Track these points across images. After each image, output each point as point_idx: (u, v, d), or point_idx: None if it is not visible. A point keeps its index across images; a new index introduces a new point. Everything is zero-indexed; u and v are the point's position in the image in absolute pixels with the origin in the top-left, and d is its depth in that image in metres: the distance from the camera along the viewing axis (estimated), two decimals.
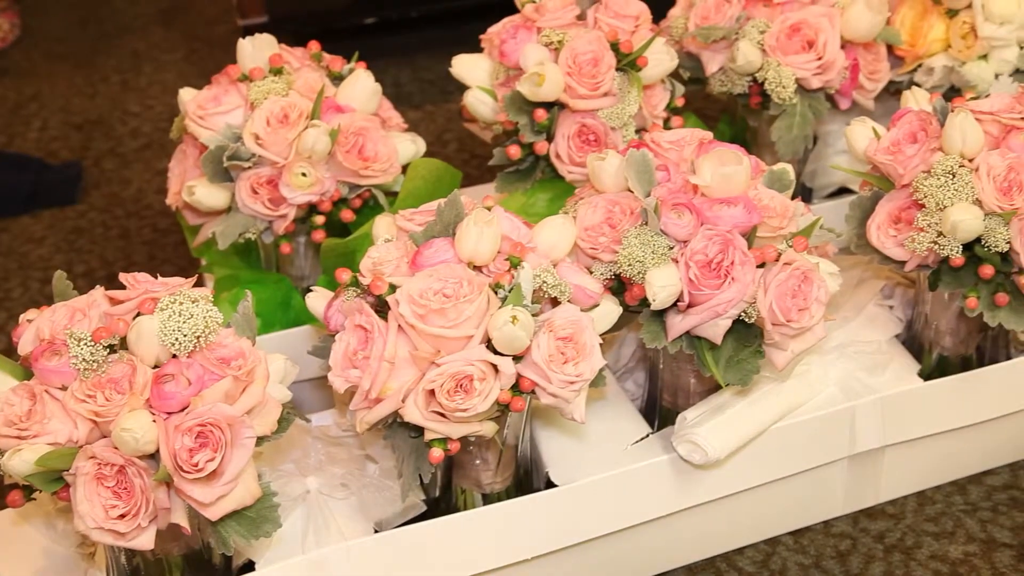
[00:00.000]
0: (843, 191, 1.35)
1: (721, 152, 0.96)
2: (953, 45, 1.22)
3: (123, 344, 0.84)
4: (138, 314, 0.85)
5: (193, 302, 0.85)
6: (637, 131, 1.15)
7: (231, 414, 0.82)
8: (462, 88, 1.18)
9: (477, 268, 0.91)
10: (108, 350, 0.83)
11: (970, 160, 0.98)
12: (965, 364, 1.10)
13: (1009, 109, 1.00)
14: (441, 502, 1.02)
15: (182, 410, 0.82)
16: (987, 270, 0.98)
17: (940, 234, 0.97)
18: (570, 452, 1.02)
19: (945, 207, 0.96)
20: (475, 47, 1.19)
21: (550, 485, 1.00)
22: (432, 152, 1.68)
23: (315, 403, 1.18)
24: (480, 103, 1.17)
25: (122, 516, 0.81)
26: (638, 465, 1.00)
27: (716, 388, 1.03)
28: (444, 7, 1.86)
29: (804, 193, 1.35)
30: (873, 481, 1.11)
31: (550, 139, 1.14)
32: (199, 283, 1.17)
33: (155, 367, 0.84)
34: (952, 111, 0.99)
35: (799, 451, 1.05)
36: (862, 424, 1.06)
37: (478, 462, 0.99)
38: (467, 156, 1.69)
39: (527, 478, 1.02)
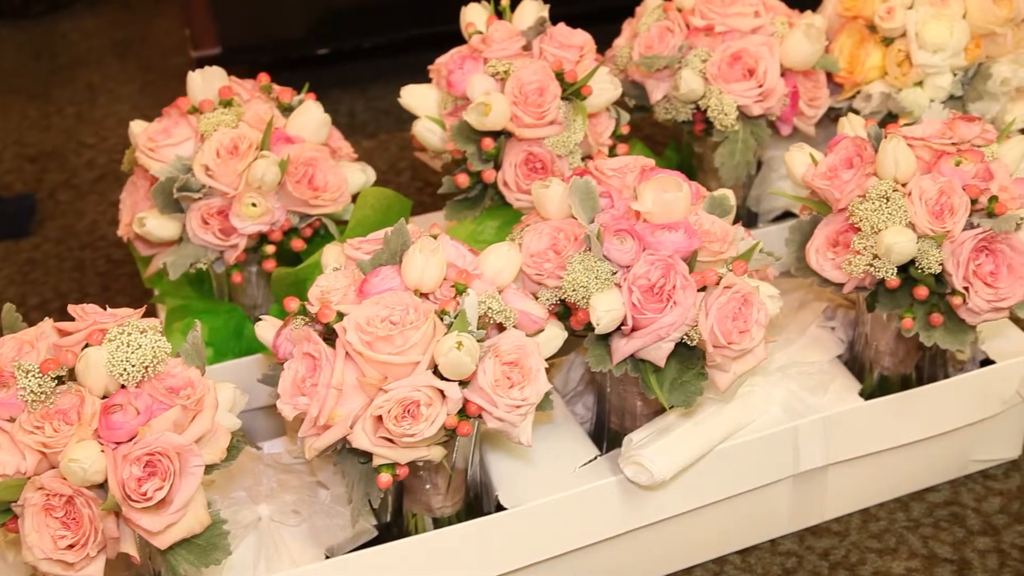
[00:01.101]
0: (788, 215, 1.37)
1: (662, 179, 0.98)
2: (889, 72, 1.25)
3: (71, 375, 0.85)
4: (87, 345, 0.86)
5: (141, 332, 0.86)
6: (584, 158, 1.18)
7: (179, 443, 0.83)
8: (415, 117, 1.20)
9: (424, 295, 0.92)
10: (56, 381, 0.84)
11: (903, 184, 1.01)
12: (905, 383, 1.13)
13: (940, 135, 1.03)
14: (393, 527, 1.03)
15: (130, 440, 0.83)
16: (921, 291, 1.00)
17: (875, 256, 0.99)
18: (519, 475, 1.04)
19: (879, 230, 0.99)
20: (428, 77, 1.21)
21: (500, 508, 1.01)
22: (386, 180, 1.70)
23: (268, 431, 1.19)
24: (429, 132, 1.19)
25: (71, 546, 0.82)
26: (586, 487, 1.02)
27: (662, 410, 1.05)
28: (396, 37, 1.88)
29: (750, 217, 1.38)
30: (818, 499, 1.13)
31: (498, 167, 1.16)
32: (150, 313, 1.18)
33: (104, 397, 0.85)
34: (885, 137, 1.02)
35: (744, 471, 1.07)
36: (805, 443, 1.08)
37: (428, 487, 1.00)
38: (421, 184, 1.71)
39: (477, 501, 1.03)
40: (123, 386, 0.85)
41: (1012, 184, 1.01)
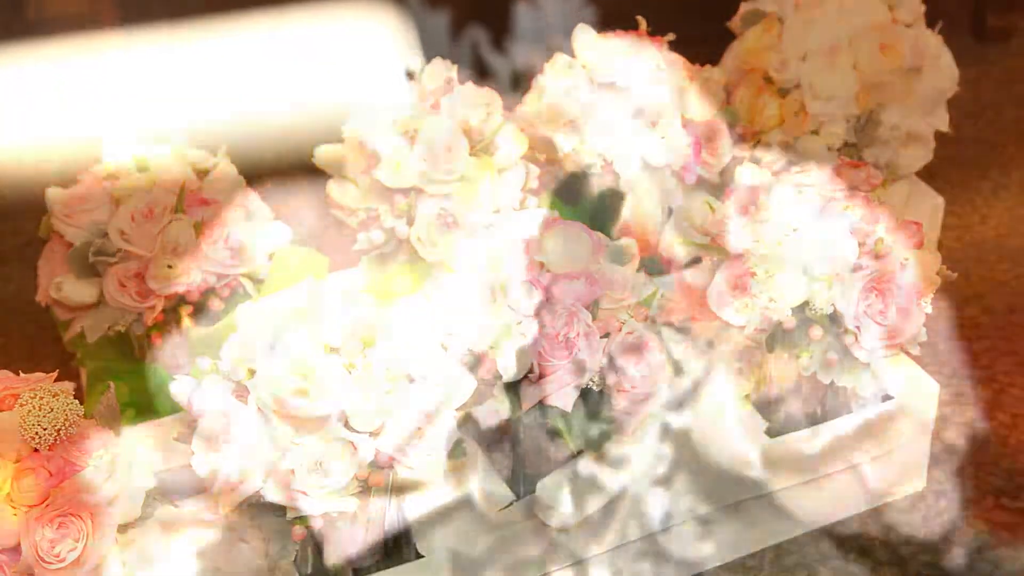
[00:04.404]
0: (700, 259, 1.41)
1: (564, 230, 1.02)
2: (787, 121, 1.31)
3: None
4: None
5: (53, 396, 0.87)
6: (495, 212, 1.21)
7: (92, 503, 0.85)
8: None
9: (334, 350, 0.95)
10: None
11: (794, 230, 1.05)
12: (811, 420, 1.17)
13: (828, 181, 1.07)
14: None
15: (43, 502, 0.84)
16: (816, 331, 1.05)
17: (771, 299, 1.03)
18: (437, 522, 1.06)
19: (773, 274, 1.03)
20: None
21: (419, 556, 1.03)
22: (314, 236, 1.72)
23: (191, 488, 1.20)
24: (343, 191, 1.22)
25: None
26: (502, 532, 1.04)
27: (575, 454, 1.08)
28: None
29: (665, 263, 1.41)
30: (732, 535, 1.16)
31: (410, 223, 1.19)
32: (74, 376, 1.19)
33: (17, 461, 0.86)
34: (777, 184, 1.06)
35: (657, 510, 1.10)
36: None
37: (346, 537, 1.01)
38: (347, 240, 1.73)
39: (397, 550, 1.05)
40: (36, 449, 0.86)
41: (898, 226, 1.06)
